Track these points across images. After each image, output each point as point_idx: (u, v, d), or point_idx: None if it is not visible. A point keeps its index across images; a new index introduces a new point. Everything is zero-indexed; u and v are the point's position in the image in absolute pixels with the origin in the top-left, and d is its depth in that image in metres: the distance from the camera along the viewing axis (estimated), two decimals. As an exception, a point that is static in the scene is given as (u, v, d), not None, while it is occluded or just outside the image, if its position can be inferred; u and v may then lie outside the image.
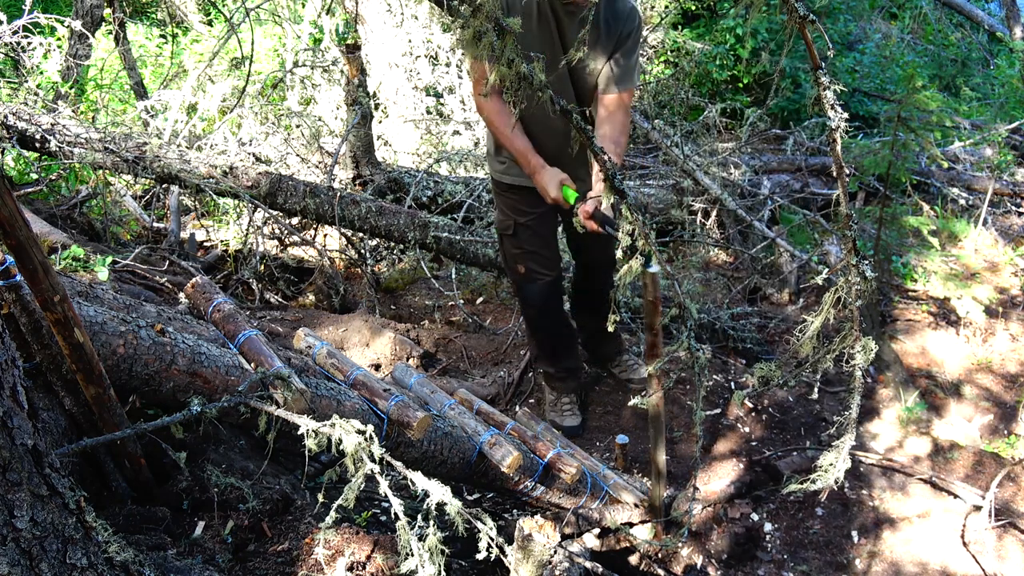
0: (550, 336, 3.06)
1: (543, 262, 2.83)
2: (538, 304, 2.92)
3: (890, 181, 3.52)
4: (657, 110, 6.17)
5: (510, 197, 2.79)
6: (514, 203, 2.78)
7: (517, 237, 2.80)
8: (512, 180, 2.72)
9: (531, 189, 2.61)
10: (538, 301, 2.91)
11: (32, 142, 4.04)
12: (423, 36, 6.44)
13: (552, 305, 2.95)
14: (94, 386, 1.45)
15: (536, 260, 2.82)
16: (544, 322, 2.99)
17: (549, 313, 2.96)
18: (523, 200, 2.74)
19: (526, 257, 2.83)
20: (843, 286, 1.63)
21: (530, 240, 2.80)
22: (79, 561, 1.16)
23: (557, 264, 2.90)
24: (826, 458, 1.92)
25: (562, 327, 3.08)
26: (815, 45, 1.35)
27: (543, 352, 3.08)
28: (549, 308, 2.95)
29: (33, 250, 1.22)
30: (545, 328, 3.02)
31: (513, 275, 2.93)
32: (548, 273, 2.84)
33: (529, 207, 2.74)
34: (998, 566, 2.48)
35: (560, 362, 3.07)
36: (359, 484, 1.34)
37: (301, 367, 1.92)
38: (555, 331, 3.04)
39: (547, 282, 2.85)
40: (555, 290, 2.92)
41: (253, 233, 4.40)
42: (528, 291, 2.89)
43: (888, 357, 3.42)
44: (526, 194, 2.69)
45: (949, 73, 8.97)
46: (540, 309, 2.94)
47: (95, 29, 5.70)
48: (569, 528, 2.39)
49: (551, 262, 2.86)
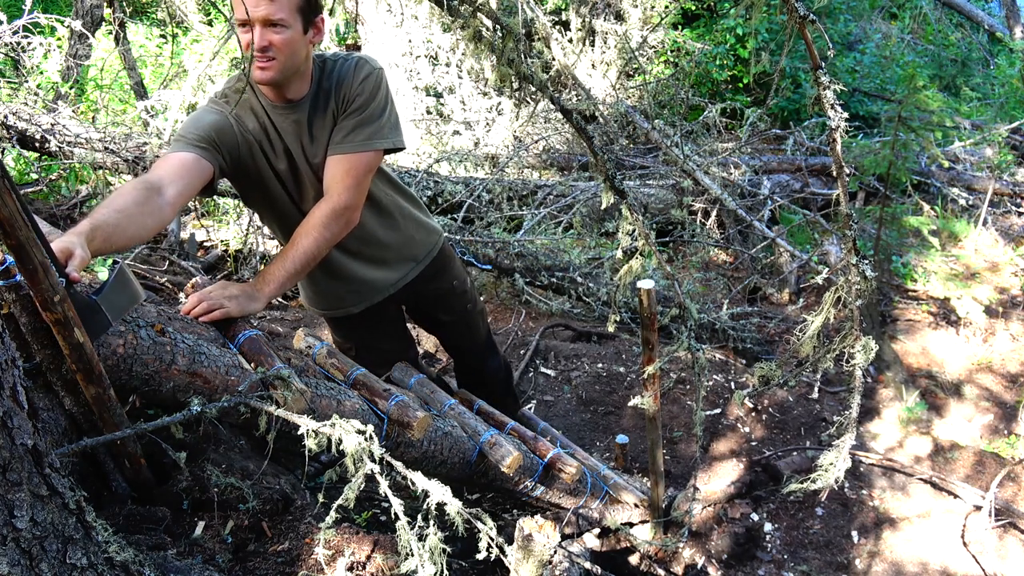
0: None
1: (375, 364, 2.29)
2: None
3: (890, 181, 3.52)
4: (657, 110, 6.17)
5: (339, 329, 2.37)
6: (345, 335, 2.36)
7: (359, 359, 2.22)
8: (331, 312, 2.31)
9: (357, 316, 2.25)
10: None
11: (32, 142, 4.04)
12: (423, 36, 6.44)
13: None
14: (94, 386, 1.44)
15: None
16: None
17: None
18: (354, 331, 2.32)
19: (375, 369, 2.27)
20: (843, 286, 1.63)
21: (376, 362, 2.25)
22: (79, 561, 1.16)
23: (415, 357, 2.50)
24: (826, 458, 1.92)
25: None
26: (815, 45, 1.35)
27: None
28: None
29: (33, 250, 1.22)
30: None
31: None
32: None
33: (365, 335, 2.32)
34: (998, 566, 2.48)
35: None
36: (359, 484, 1.34)
37: (301, 367, 1.91)
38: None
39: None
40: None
41: (253, 233, 4.40)
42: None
43: (888, 357, 3.42)
44: (354, 323, 2.28)
45: (949, 73, 8.97)
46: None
47: (95, 29, 5.69)
48: (569, 528, 2.39)
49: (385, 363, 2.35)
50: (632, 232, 1.58)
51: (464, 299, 2.43)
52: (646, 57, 7.23)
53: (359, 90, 1.88)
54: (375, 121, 1.90)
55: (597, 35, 6.77)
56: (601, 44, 6.80)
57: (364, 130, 1.89)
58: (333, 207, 1.87)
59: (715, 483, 2.71)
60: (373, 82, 1.90)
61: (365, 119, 1.89)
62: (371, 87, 1.89)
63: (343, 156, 1.88)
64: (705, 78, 7.41)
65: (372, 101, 1.89)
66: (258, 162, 1.93)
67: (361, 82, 1.88)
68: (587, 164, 5.93)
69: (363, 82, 1.88)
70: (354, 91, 1.88)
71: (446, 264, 2.35)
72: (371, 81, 1.89)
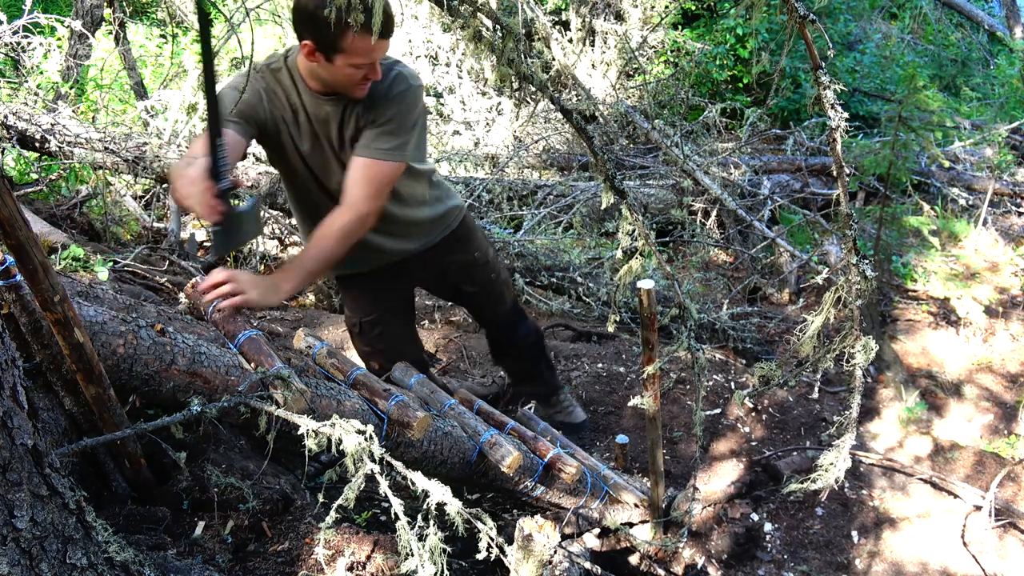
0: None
1: (397, 360, 2.42)
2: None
3: (890, 181, 3.52)
4: (657, 110, 6.18)
5: (348, 291, 2.47)
6: (354, 297, 2.45)
7: (364, 336, 2.46)
8: (340, 270, 2.36)
9: (367, 276, 2.33)
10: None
11: (32, 142, 4.04)
12: (423, 36, 6.44)
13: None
14: (94, 386, 1.45)
15: (391, 359, 2.40)
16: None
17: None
18: (364, 293, 2.41)
19: (377, 355, 2.48)
20: (843, 286, 1.63)
21: (379, 338, 2.44)
22: (79, 561, 1.16)
23: (420, 358, 2.58)
24: (826, 458, 1.92)
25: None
26: (815, 45, 1.35)
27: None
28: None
29: (33, 250, 1.22)
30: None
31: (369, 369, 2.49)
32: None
33: (374, 301, 2.41)
34: (999, 566, 2.48)
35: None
36: (359, 484, 1.34)
37: (301, 367, 1.91)
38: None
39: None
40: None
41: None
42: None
43: (888, 357, 3.42)
44: (364, 284, 2.37)
45: (949, 73, 8.97)
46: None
47: (95, 29, 5.69)
48: (569, 528, 2.39)
49: (411, 359, 2.45)
50: (632, 232, 1.58)
51: (487, 270, 2.50)
52: (646, 57, 7.23)
53: (395, 100, 1.96)
54: (404, 134, 1.97)
55: (597, 35, 6.77)
56: (601, 44, 6.81)
57: (392, 140, 1.95)
58: (354, 216, 1.94)
59: (715, 483, 2.71)
60: (409, 97, 1.98)
61: (395, 130, 1.95)
62: (407, 101, 1.97)
63: (368, 160, 1.95)
64: (705, 78, 7.41)
65: (406, 115, 1.97)
66: (283, 139, 2.03)
67: (398, 94, 1.96)
68: (587, 164, 5.93)
69: (399, 94, 1.96)
70: (390, 100, 1.95)
71: (467, 236, 2.42)
72: (408, 96, 1.97)
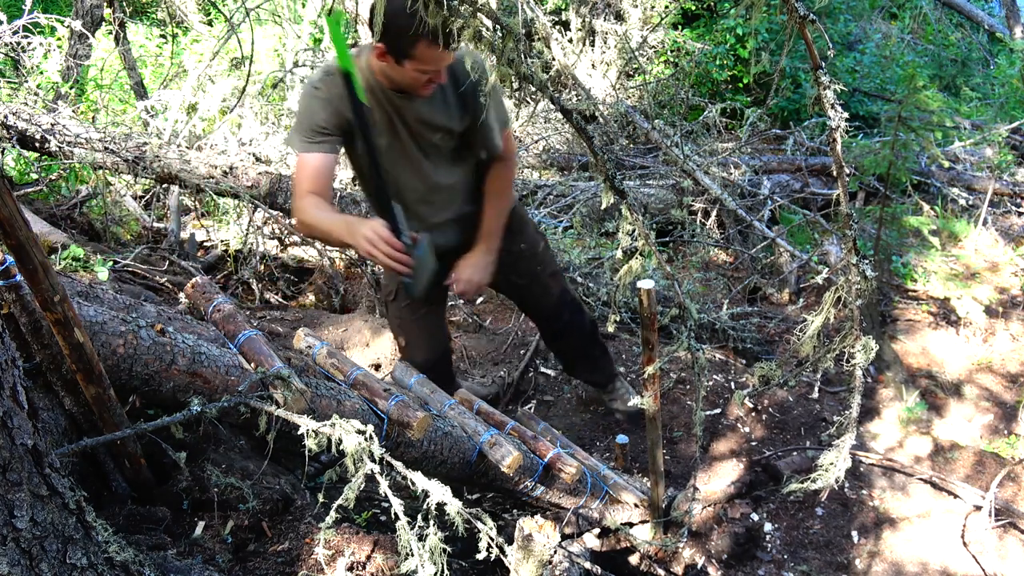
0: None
1: (416, 350, 2.53)
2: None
3: (890, 181, 3.52)
4: (657, 110, 6.17)
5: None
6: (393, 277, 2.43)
7: (398, 303, 2.47)
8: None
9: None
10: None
11: (32, 142, 4.04)
12: (423, 36, 6.42)
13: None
14: (94, 386, 1.45)
15: (412, 344, 2.51)
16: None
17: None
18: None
19: (403, 330, 2.55)
20: (843, 286, 1.63)
21: (408, 325, 2.51)
22: (79, 561, 1.16)
23: (436, 354, 2.60)
24: (826, 458, 1.92)
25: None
26: (815, 45, 1.35)
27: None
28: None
29: (33, 250, 1.22)
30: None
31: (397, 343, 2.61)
32: (421, 363, 2.48)
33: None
34: (999, 566, 2.48)
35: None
36: (359, 484, 1.34)
37: (301, 367, 1.92)
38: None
39: (418, 365, 2.45)
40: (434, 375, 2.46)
41: (253, 233, 4.40)
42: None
43: (888, 357, 3.42)
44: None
45: (949, 73, 8.97)
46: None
47: (95, 29, 5.69)
48: (569, 528, 2.39)
49: (429, 353, 2.54)
50: (632, 232, 1.58)
51: (533, 262, 2.56)
52: (646, 57, 7.22)
53: (478, 77, 2.07)
54: (502, 99, 2.18)
55: (597, 35, 6.77)
56: (601, 44, 6.80)
57: (502, 107, 2.20)
58: (515, 165, 2.34)
59: (715, 483, 2.71)
60: (483, 66, 2.08)
61: (497, 100, 2.17)
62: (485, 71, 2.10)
63: (503, 129, 2.20)
64: (705, 78, 7.41)
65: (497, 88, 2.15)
66: (358, 136, 2.11)
67: (475, 72, 2.05)
68: (587, 164, 5.93)
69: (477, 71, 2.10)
70: (472, 80, 2.07)
71: (515, 228, 2.48)
72: (482, 66, 2.09)
